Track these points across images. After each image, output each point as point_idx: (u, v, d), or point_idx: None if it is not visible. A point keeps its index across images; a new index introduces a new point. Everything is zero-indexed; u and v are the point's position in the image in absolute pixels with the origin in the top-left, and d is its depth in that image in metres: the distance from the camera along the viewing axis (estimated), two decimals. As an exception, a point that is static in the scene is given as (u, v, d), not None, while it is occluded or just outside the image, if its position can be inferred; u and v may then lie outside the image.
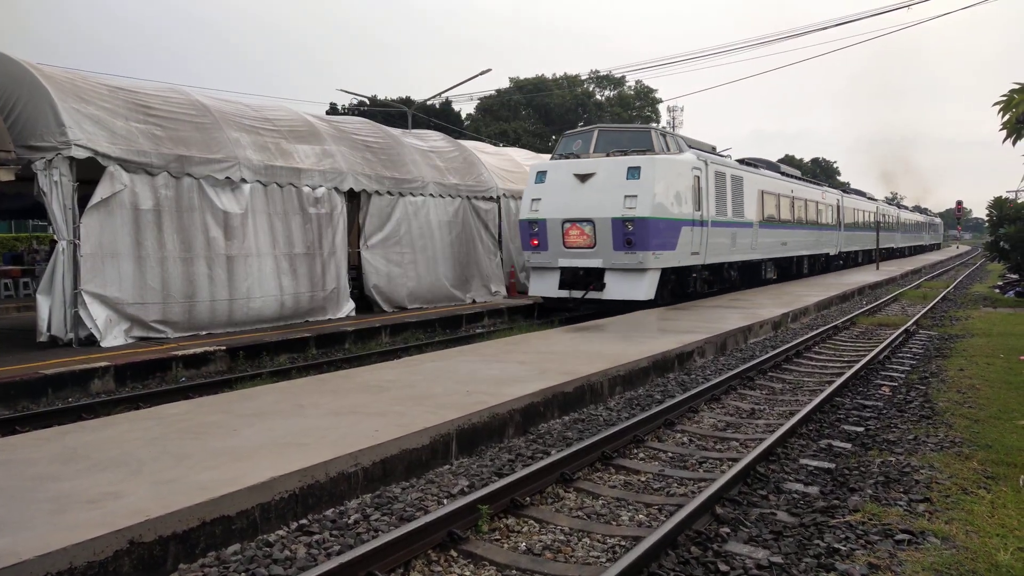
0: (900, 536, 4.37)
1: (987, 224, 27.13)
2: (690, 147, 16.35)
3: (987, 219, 25.63)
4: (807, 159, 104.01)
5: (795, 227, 22.95)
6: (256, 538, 4.35)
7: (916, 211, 66.46)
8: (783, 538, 4.45)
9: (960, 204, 59.60)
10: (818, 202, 26.17)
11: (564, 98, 61.35)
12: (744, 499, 5.08)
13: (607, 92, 68.31)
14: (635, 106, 67.78)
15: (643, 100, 67.99)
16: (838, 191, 31.74)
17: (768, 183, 20.65)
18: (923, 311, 16.40)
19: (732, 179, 17.72)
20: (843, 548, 4.26)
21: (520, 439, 6.61)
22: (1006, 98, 6.11)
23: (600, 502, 5.12)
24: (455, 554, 4.26)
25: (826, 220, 27.42)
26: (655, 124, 14.18)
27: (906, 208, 62.37)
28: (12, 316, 15.58)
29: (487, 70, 31.39)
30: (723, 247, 17.20)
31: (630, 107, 67.11)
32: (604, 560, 4.22)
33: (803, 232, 23.96)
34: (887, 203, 49.63)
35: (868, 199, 39.18)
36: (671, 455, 6.21)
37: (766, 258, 20.70)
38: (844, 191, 33.56)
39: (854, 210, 32.73)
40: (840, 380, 8.54)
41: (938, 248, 72.28)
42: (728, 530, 4.54)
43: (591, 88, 66.74)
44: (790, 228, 22.38)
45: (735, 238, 17.82)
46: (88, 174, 10.95)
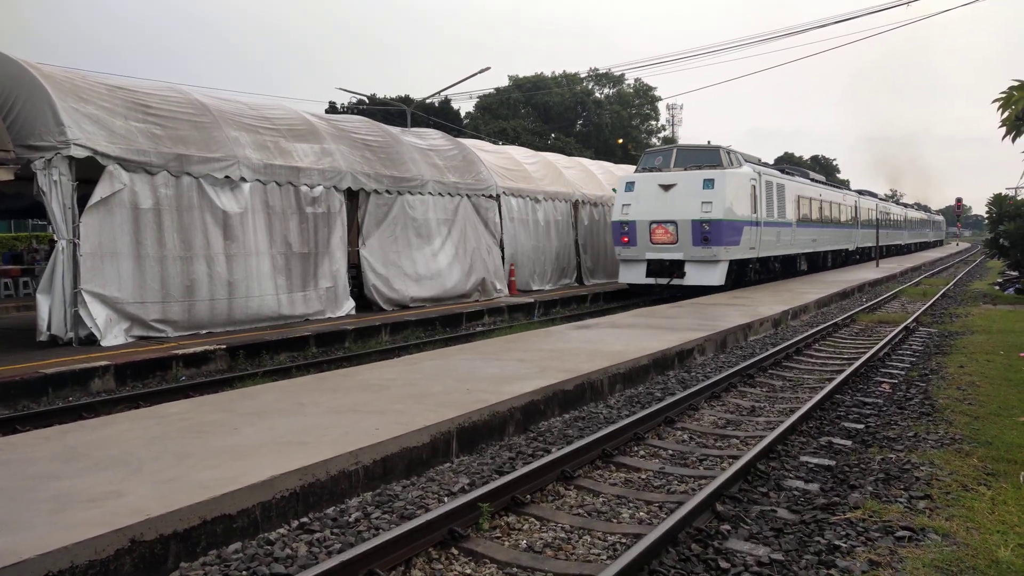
0: (900, 533, 4.37)
1: (987, 221, 27.14)
2: (746, 161, 19.80)
3: (987, 216, 25.64)
4: (807, 156, 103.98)
5: (823, 226, 26.49)
6: (257, 536, 4.36)
7: (915, 208, 67.58)
8: (784, 535, 4.45)
9: (960, 201, 59.61)
10: (840, 203, 29.44)
11: (563, 96, 61.29)
12: (745, 496, 5.08)
13: (606, 90, 68.25)
14: (634, 104, 67.74)
15: (642, 98, 67.94)
16: (855, 193, 35.19)
17: (803, 189, 24.19)
18: (923, 308, 16.40)
19: (777, 187, 21.19)
20: (844, 545, 4.26)
21: (520, 437, 6.61)
22: (1005, 95, 6.11)
23: (601, 500, 5.12)
24: (456, 552, 4.27)
25: (846, 219, 30.76)
26: (722, 145, 19.63)
27: (912, 206, 64.62)
28: (12, 316, 15.58)
29: (486, 68, 31.36)
30: (771, 243, 20.70)
31: (629, 105, 67.08)
32: (605, 558, 4.22)
33: (829, 230, 27.46)
34: (896, 203, 53.32)
35: (880, 199, 43.06)
36: (672, 452, 6.21)
37: (800, 252, 24.16)
38: (859, 193, 36.71)
39: (868, 210, 36.12)
40: (840, 377, 8.55)
41: (941, 244, 74.69)
42: (729, 527, 4.54)
43: (590, 86, 66.68)
44: (819, 227, 25.94)
45: (779, 236, 21.32)
46: (87, 173, 10.94)
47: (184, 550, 4.01)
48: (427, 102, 44.47)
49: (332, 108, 50.83)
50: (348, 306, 14.42)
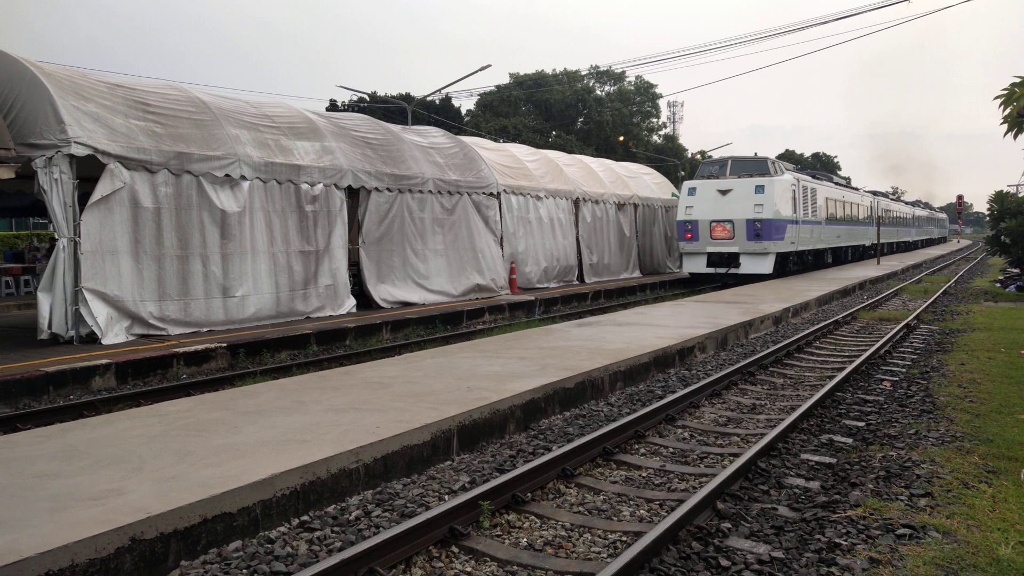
0: (901, 531, 4.37)
1: (988, 218, 27.12)
2: (787, 170, 23.73)
3: (988, 213, 25.61)
4: (807, 154, 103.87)
5: (846, 224, 30.03)
6: (258, 535, 4.36)
7: (921, 207, 68.98)
8: (784, 533, 4.45)
9: (961, 198, 59.51)
10: (858, 204, 33.10)
11: (564, 94, 61.24)
12: (745, 494, 5.08)
13: (607, 87, 68.20)
14: (635, 101, 67.69)
15: (643, 95, 67.90)
16: (870, 194, 39.00)
17: (830, 192, 27.83)
18: (924, 306, 16.39)
19: (811, 190, 24.87)
20: (844, 543, 4.26)
21: (521, 435, 6.61)
22: (1007, 92, 6.11)
23: (601, 498, 5.12)
24: (456, 550, 4.27)
25: (863, 217, 34.20)
26: (769, 156, 24.42)
27: (920, 204, 67.46)
28: (13, 314, 15.60)
29: (487, 66, 31.30)
30: (807, 239, 24.31)
31: (630, 103, 67.03)
32: (605, 556, 4.22)
33: (850, 228, 30.94)
34: (905, 203, 57.44)
35: (892, 199, 48.25)
36: (672, 450, 6.21)
37: (828, 247, 27.58)
38: (873, 194, 40.35)
39: (883, 209, 40.02)
40: (841, 375, 8.54)
41: (944, 241, 77.60)
42: (729, 525, 4.54)
43: (591, 84, 66.63)
44: (843, 225, 29.49)
45: (812, 232, 24.94)
46: (88, 171, 10.95)
47: (185, 548, 4.02)
48: (428, 100, 44.43)
49: (333, 106, 50.82)
50: (349, 304, 14.43)
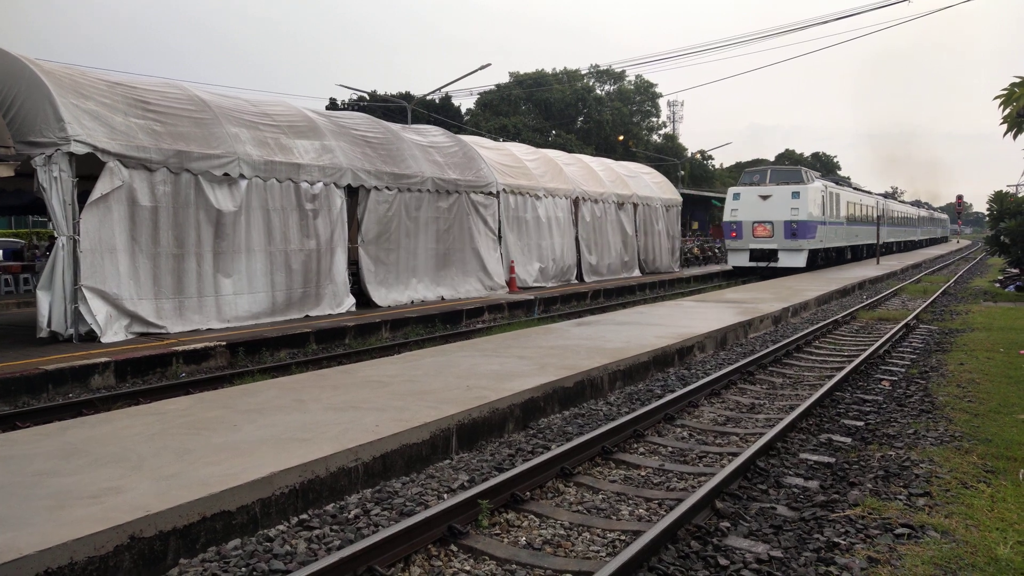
0: (900, 530, 4.37)
1: (987, 218, 27.13)
2: (817, 178, 28.09)
3: (987, 213, 25.61)
4: (807, 153, 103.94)
5: (861, 224, 33.82)
6: (257, 533, 4.36)
7: (925, 208, 70.70)
8: (783, 532, 4.45)
9: (960, 198, 59.55)
10: (871, 206, 36.71)
11: (564, 93, 61.24)
12: (744, 493, 5.08)
13: (607, 87, 68.20)
14: (635, 101, 67.69)
15: (643, 95, 67.90)
16: (881, 197, 43.10)
17: (850, 196, 32.04)
18: (923, 305, 16.39)
19: (835, 195, 28.78)
20: (843, 542, 4.26)
21: (520, 434, 6.61)
22: (1007, 92, 6.11)
23: (600, 496, 5.12)
24: (455, 549, 4.27)
25: (876, 218, 37.09)
26: (802, 167, 28.54)
27: (923, 205, 70.41)
28: (12, 312, 15.59)
29: (487, 65, 31.30)
30: (832, 237, 28.33)
31: (630, 102, 67.02)
32: (604, 554, 4.22)
33: (865, 227, 34.51)
34: (912, 205, 61.57)
35: (900, 202, 54.25)
36: (671, 449, 6.21)
37: (847, 245, 31.35)
38: (884, 196, 44.47)
39: (891, 210, 44.13)
40: (840, 375, 8.54)
41: (946, 240, 79.86)
42: (728, 524, 4.54)
43: (591, 83, 66.62)
44: (860, 225, 33.41)
45: (836, 232, 28.85)
46: (87, 170, 10.94)
47: (184, 547, 4.02)
48: (428, 99, 44.42)
49: (333, 104, 50.84)
50: (348, 303, 14.42)
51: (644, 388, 8.46)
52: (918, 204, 67.56)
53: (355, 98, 50.70)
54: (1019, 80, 6.05)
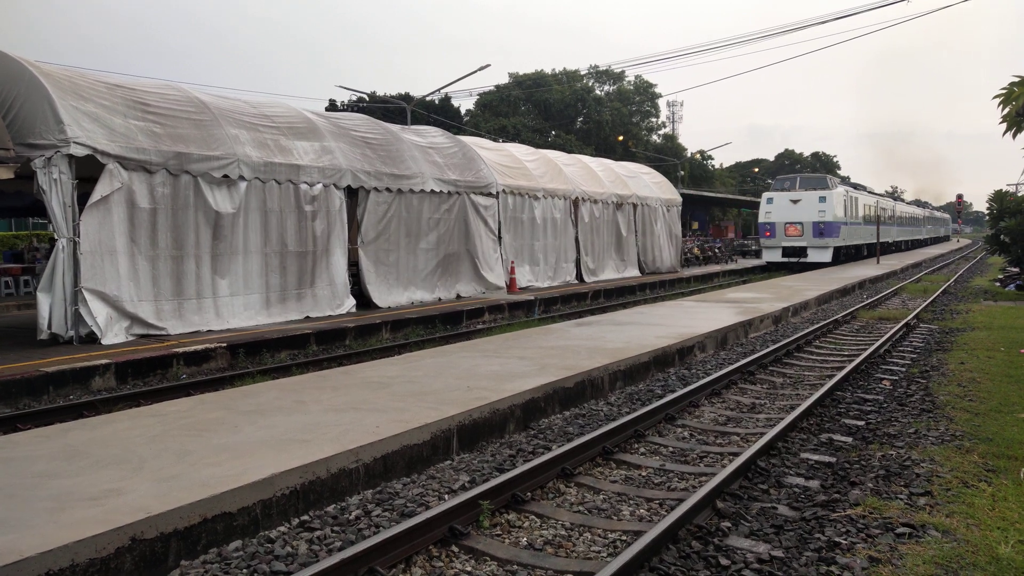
0: (901, 529, 4.37)
1: (987, 218, 27.12)
2: (839, 184, 31.97)
3: (987, 213, 25.60)
4: (807, 153, 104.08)
5: (875, 224, 36.25)
6: (258, 534, 4.36)
7: (928, 208, 71.79)
8: (784, 532, 4.45)
9: (960, 198, 59.55)
10: (885, 208, 39.91)
11: (563, 93, 61.24)
12: (745, 493, 5.08)
13: (606, 87, 68.20)
14: (635, 101, 67.69)
15: (643, 95, 67.91)
16: (891, 199, 48.08)
17: (866, 199, 36.17)
18: (924, 305, 16.40)
19: (854, 199, 32.65)
20: (844, 542, 4.26)
21: (521, 434, 6.61)
22: (1006, 91, 6.11)
23: (601, 497, 5.12)
24: (456, 549, 4.27)
25: (886, 218, 40.71)
26: (828, 175, 33.77)
27: (925, 205, 72.36)
28: (12, 314, 15.59)
29: (486, 66, 31.34)
30: (852, 236, 32.07)
31: (630, 102, 67.02)
32: (605, 555, 4.22)
33: (881, 227, 36.77)
34: (918, 205, 64.67)
35: (906, 203, 58.21)
36: (672, 449, 6.21)
37: (863, 243, 34.88)
38: (894, 198, 50.02)
39: (902, 211, 48.65)
40: (841, 374, 8.54)
41: (948, 239, 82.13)
42: (729, 524, 4.54)
43: (590, 83, 66.62)
44: (873, 225, 35.87)
45: (855, 231, 32.72)
46: (87, 172, 10.94)
47: (185, 548, 4.02)
48: (427, 100, 44.42)
49: (332, 106, 50.83)
50: (348, 304, 14.42)
51: (645, 388, 8.46)
52: (919, 204, 68.07)
53: (354, 99, 50.73)
54: (1018, 79, 6.05)
